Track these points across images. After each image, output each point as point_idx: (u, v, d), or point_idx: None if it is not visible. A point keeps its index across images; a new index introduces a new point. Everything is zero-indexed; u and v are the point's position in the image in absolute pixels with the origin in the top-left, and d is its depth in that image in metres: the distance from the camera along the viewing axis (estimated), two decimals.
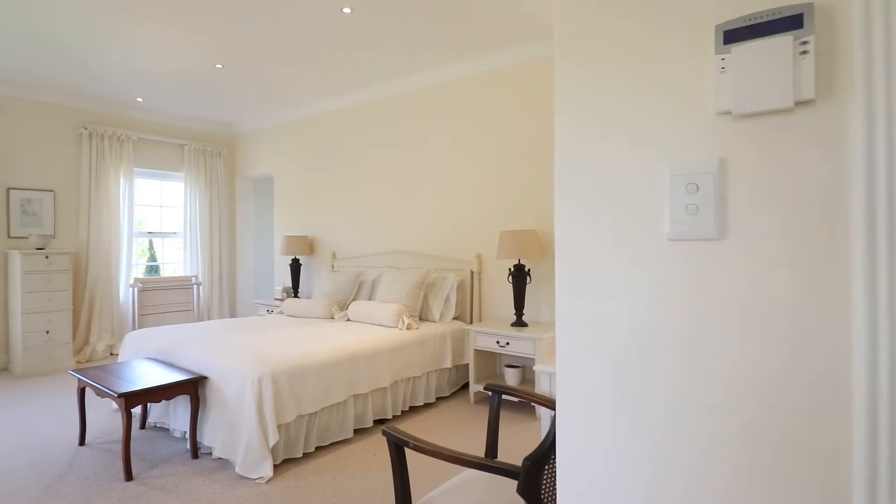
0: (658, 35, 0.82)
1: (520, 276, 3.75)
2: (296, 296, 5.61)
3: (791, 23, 0.69)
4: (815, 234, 0.69)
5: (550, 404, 1.79)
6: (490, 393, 1.89)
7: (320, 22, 3.52)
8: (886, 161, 0.63)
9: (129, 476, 2.56)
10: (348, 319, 4.22)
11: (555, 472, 1.31)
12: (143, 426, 3.29)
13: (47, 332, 4.68)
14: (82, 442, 3.02)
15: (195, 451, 2.83)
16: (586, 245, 0.89)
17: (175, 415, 3.08)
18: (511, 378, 3.74)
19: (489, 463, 1.27)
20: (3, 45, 3.91)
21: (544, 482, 1.28)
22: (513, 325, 3.77)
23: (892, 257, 0.62)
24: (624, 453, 0.85)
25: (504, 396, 3.61)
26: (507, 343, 3.59)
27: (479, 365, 3.86)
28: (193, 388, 2.81)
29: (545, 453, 1.27)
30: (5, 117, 4.85)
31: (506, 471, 1.26)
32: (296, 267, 5.60)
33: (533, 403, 1.77)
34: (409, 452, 2.61)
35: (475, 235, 4.33)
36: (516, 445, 3.03)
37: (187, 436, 3.00)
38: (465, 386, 4.21)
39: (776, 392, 0.72)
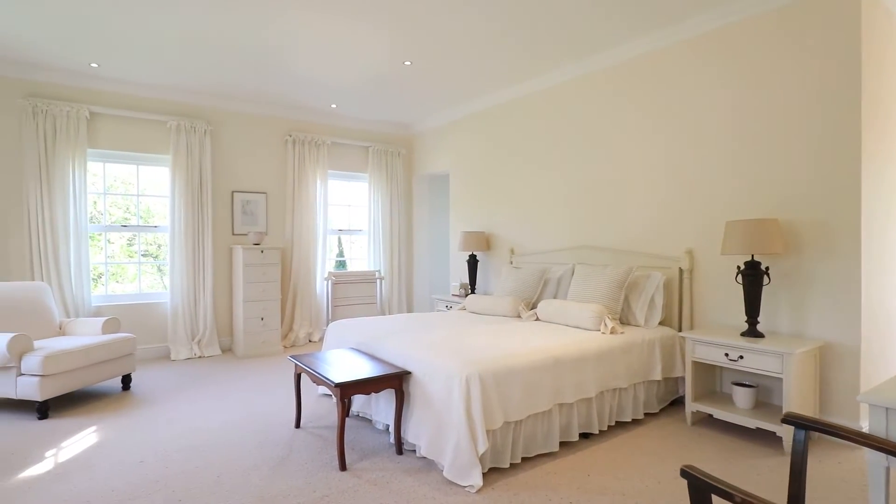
0: None
1: (754, 276, 3.07)
2: (472, 292, 5.52)
3: None
4: None
5: None
6: (793, 427, 1.41)
7: (507, 1, 3.28)
8: None
9: (342, 466, 2.58)
10: (537, 319, 3.93)
11: None
12: (347, 414, 3.38)
13: (262, 319, 5.23)
14: (298, 425, 3.19)
15: (399, 447, 2.78)
16: None
17: (377, 407, 3.09)
18: (742, 399, 3.08)
19: None
20: (232, 63, 4.41)
21: None
22: (743, 334, 3.10)
23: None
24: None
25: (719, 416, 2.89)
26: (741, 357, 2.95)
27: (695, 380, 3.27)
28: (398, 383, 2.75)
29: None
30: (231, 130, 5.56)
31: None
32: (473, 263, 5.50)
33: (871, 449, 1.25)
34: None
35: (684, 228, 3.71)
36: (777, 488, 2.42)
37: (390, 429, 2.98)
38: (675, 402, 3.63)
39: None
